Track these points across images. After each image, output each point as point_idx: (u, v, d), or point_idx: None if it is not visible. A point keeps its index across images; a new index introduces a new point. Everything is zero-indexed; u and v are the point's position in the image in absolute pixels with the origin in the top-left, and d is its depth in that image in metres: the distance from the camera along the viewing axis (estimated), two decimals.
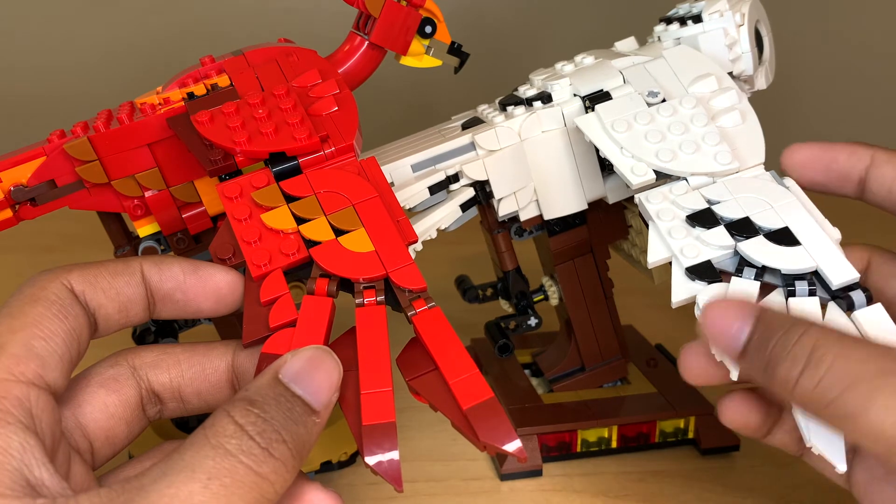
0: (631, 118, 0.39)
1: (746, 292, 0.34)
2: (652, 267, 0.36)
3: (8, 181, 0.36)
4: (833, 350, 0.29)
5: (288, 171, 0.34)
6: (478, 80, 0.58)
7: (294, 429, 0.27)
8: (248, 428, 0.26)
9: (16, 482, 0.25)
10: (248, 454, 0.25)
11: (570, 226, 0.45)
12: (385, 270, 0.31)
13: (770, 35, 0.45)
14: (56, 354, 0.28)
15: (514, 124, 0.42)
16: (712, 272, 0.35)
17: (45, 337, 0.28)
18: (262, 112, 0.34)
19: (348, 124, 0.35)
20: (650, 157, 0.38)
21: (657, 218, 0.37)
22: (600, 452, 0.47)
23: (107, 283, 0.31)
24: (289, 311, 0.31)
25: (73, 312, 0.29)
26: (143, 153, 0.37)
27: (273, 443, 0.26)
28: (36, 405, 0.27)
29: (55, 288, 0.30)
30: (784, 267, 0.34)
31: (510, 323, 0.47)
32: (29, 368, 0.27)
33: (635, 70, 0.41)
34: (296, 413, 0.27)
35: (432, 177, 0.41)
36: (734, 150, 0.38)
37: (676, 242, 0.36)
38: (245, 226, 0.32)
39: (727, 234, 0.35)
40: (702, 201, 0.37)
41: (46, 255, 0.68)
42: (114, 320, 0.32)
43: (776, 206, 0.36)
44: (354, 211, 0.33)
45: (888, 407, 0.27)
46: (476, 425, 0.28)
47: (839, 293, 0.33)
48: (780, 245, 0.34)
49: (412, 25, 0.42)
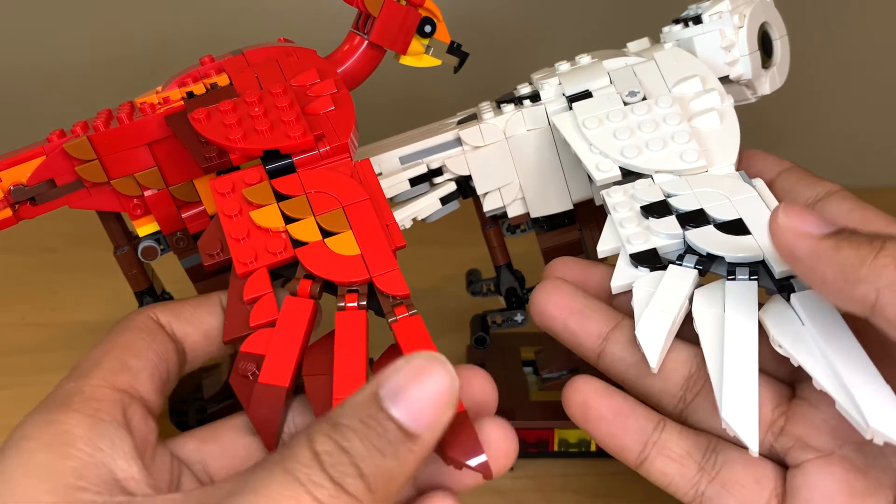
0: (603, 115, 0.39)
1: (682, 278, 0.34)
2: (602, 257, 0.36)
3: (7, 180, 0.36)
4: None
5: (282, 169, 0.34)
6: (478, 81, 0.58)
7: (379, 461, 0.24)
8: (323, 457, 0.24)
9: (101, 477, 0.26)
10: (318, 486, 0.23)
11: (557, 225, 0.45)
12: (369, 275, 0.31)
13: (783, 38, 0.44)
14: (146, 371, 0.30)
15: (499, 122, 0.42)
16: (655, 259, 0.35)
17: (136, 355, 0.31)
18: (258, 110, 0.34)
19: (344, 124, 0.35)
20: (615, 153, 0.38)
21: (613, 210, 0.37)
22: (580, 454, 0.47)
23: (190, 314, 0.33)
24: (270, 311, 0.31)
25: (159, 338, 0.32)
26: (142, 152, 0.37)
27: (347, 477, 0.23)
28: (129, 410, 0.29)
29: (142, 318, 0.32)
30: (729, 254, 0.34)
31: (497, 318, 0.48)
32: (122, 379, 0.29)
33: (624, 71, 0.42)
34: (386, 441, 0.24)
35: (414, 169, 0.42)
36: (706, 150, 0.38)
37: (626, 231, 0.36)
38: (234, 222, 0.32)
39: (677, 223, 0.35)
40: (659, 194, 0.37)
41: (46, 254, 0.68)
42: (200, 348, 0.34)
43: (734, 200, 0.35)
44: (344, 213, 0.32)
45: None
46: (444, 439, 0.27)
47: (782, 282, 0.33)
48: (729, 234, 0.34)
49: (411, 25, 0.42)
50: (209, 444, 0.32)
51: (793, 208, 0.30)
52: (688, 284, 0.34)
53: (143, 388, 0.30)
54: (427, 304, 0.61)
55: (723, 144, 0.38)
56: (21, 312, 0.61)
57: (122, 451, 0.27)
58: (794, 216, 0.29)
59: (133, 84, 0.44)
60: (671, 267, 0.35)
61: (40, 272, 0.66)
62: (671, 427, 0.34)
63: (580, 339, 0.36)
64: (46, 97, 0.77)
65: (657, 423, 0.34)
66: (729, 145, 0.38)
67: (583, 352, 0.37)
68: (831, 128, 0.81)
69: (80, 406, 0.28)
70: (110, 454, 0.27)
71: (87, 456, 0.26)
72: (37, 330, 0.59)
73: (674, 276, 0.34)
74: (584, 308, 0.36)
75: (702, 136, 0.39)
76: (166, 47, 0.70)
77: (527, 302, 0.48)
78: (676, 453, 0.34)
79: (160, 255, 0.40)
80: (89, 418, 0.27)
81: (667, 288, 0.34)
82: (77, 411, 0.27)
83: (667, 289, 0.34)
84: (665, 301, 0.34)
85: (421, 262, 0.63)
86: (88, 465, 0.26)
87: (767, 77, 0.43)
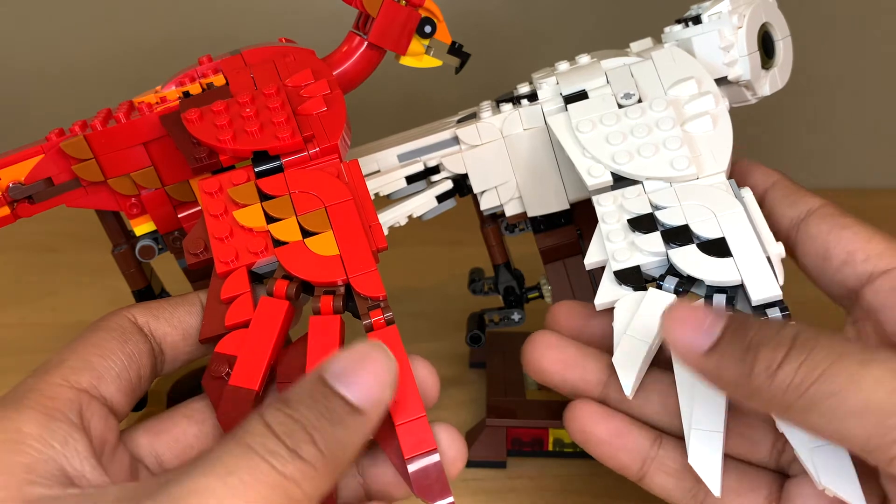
0: (597, 119, 0.39)
1: (661, 303, 0.34)
2: (589, 269, 0.37)
3: (6, 179, 0.36)
4: (814, 337, 0.28)
5: (271, 170, 0.34)
6: (480, 80, 0.58)
7: (329, 429, 0.25)
8: (275, 428, 0.25)
9: (52, 472, 0.26)
10: (273, 453, 0.24)
11: (555, 224, 0.45)
12: (346, 276, 0.31)
13: (786, 39, 0.44)
14: (112, 371, 0.30)
15: (496, 121, 0.42)
16: (638, 278, 0.35)
17: (103, 355, 0.31)
18: (249, 111, 0.34)
19: (335, 125, 0.35)
20: (607, 159, 0.38)
21: (602, 220, 0.37)
22: (575, 454, 0.47)
23: (168, 314, 0.33)
24: (246, 311, 0.31)
25: (133, 339, 0.32)
26: (138, 152, 0.37)
27: (301, 443, 0.25)
28: (87, 409, 0.29)
29: (118, 319, 0.32)
30: (708, 278, 0.34)
31: (494, 316, 0.47)
32: (84, 378, 0.29)
33: (621, 71, 0.41)
34: (334, 413, 0.26)
35: (411, 167, 0.42)
36: (697, 156, 0.38)
37: (612, 245, 0.36)
38: (218, 222, 0.33)
39: (661, 240, 0.35)
40: (647, 206, 0.37)
41: (45, 253, 0.68)
42: (180, 349, 0.34)
43: (719, 216, 0.35)
44: (326, 213, 0.32)
45: (879, 379, 0.26)
46: (413, 478, 0.28)
47: (759, 309, 0.33)
48: (711, 256, 0.34)
49: (411, 25, 0.41)
50: (161, 436, 0.32)
51: (674, 319, 0.30)
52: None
53: (105, 389, 0.30)
54: (427, 303, 0.61)
55: (715, 150, 0.38)
56: (21, 312, 0.61)
57: (76, 449, 0.27)
58: (677, 329, 0.30)
59: (134, 84, 0.44)
60: (651, 291, 0.35)
61: (40, 272, 0.66)
62: (668, 443, 0.35)
63: (582, 389, 0.37)
64: (47, 97, 0.77)
65: (654, 440, 0.35)
66: (721, 151, 0.38)
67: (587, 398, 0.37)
68: (831, 128, 0.81)
69: (33, 403, 0.28)
70: (62, 451, 0.27)
71: (38, 452, 0.26)
72: (37, 330, 0.59)
73: (653, 302, 0.34)
74: (578, 358, 0.37)
75: (694, 141, 0.38)
76: (169, 47, 0.70)
77: (525, 301, 0.48)
78: (673, 468, 0.35)
79: (157, 254, 0.40)
80: (42, 416, 0.27)
81: (645, 314, 0.34)
82: (30, 408, 0.28)
83: (645, 314, 0.34)
84: (642, 328, 0.34)
85: (421, 262, 0.64)
86: (39, 461, 0.26)
87: (768, 78, 0.43)
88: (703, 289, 0.34)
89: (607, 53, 0.44)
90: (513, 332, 0.54)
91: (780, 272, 0.34)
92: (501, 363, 0.52)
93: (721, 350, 0.29)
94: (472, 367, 0.55)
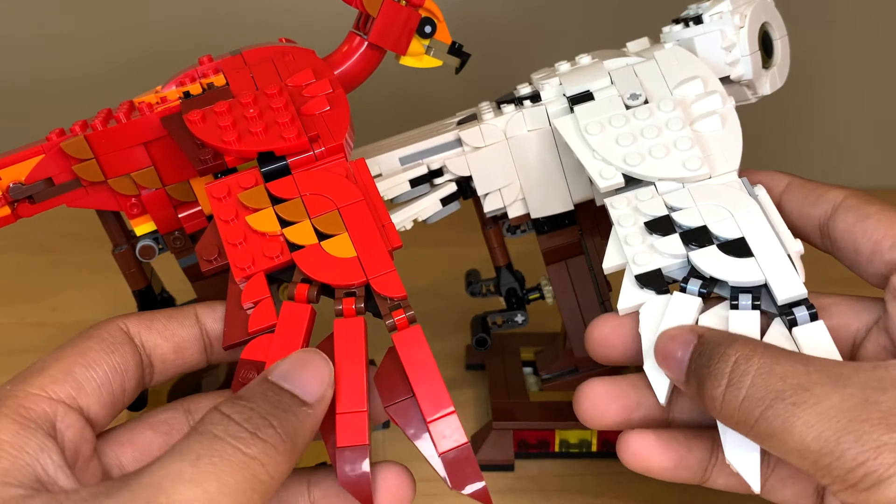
0: (606, 121, 0.39)
1: (686, 307, 0.34)
2: (608, 273, 0.37)
3: (6, 179, 0.36)
4: (755, 366, 0.29)
5: (277, 171, 0.34)
6: (478, 81, 0.58)
7: (283, 416, 0.27)
8: (234, 416, 0.27)
9: (25, 476, 0.26)
10: (235, 437, 0.26)
11: (558, 225, 0.44)
12: (366, 277, 0.31)
13: (784, 38, 0.44)
14: (94, 382, 0.30)
15: (499, 122, 0.42)
16: (660, 281, 0.35)
17: (86, 365, 0.31)
18: (253, 111, 0.34)
19: (339, 124, 0.35)
20: (618, 160, 0.38)
21: (617, 224, 0.37)
22: (580, 455, 0.47)
23: (161, 325, 0.33)
24: (268, 316, 0.31)
25: (121, 349, 0.32)
26: (138, 152, 0.37)
27: (260, 427, 0.26)
28: (62, 421, 0.29)
29: (109, 328, 0.32)
30: (731, 279, 0.34)
31: (497, 318, 0.47)
32: (62, 389, 0.29)
33: (625, 71, 0.41)
34: (285, 403, 0.27)
35: (415, 170, 0.42)
36: (709, 155, 0.38)
37: (631, 249, 0.36)
38: (230, 227, 0.32)
39: (680, 242, 0.35)
40: (663, 208, 0.36)
41: (45, 254, 0.68)
42: (170, 361, 0.34)
43: (737, 215, 0.35)
44: (339, 215, 0.32)
45: (808, 424, 0.27)
46: (448, 470, 0.29)
47: (784, 309, 0.33)
48: (732, 256, 0.34)
49: (411, 25, 0.41)
50: (126, 447, 0.33)
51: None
52: (692, 314, 0.34)
53: (84, 400, 0.30)
54: (427, 304, 0.60)
55: (725, 149, 0.38)
56: (21, 312, 0.61)
57: (50, 458, 0.28)
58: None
59: (135, 84, 0.44)
60: (676, 295, 0.35)
61: (40, 272, 0.66)
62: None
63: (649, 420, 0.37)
64: (47, 97, 0.77)
65: (711, 448, 0.35)
66: (731, 150, 0.38)
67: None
68: (832, 128, 0.81)
69: (9, 412, 0.28)
70: (36, 458, 0.27)
71: (12, 457, 0.27)
72: (37, 330, 0.59)
73: (678, 306, 0.34)
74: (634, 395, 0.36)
75: (704, 141, 0.38)
76: (170, 47, 0.70)
77: (527, 302, 0.48)
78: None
79: (158, 254, 0.40)
80: (17, 425, 0.28)
81: (672, 320, 0.34)
82: (6, 416, 0.28)
83: (672, 320, 0.34)
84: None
85: (421, 263, 0.63)
86: (15, 466, 0.27)
87: (768, 77, 0.43)
88: (726, 290, 0.34)
89: (607, 53, 0.44)
90: (510, 333, 0.54)
91: (800, 270, 0.34)
92: (502, 365, 0.52)
93: (689, 380, 0.31)
94: (469, 370, 0.55)
